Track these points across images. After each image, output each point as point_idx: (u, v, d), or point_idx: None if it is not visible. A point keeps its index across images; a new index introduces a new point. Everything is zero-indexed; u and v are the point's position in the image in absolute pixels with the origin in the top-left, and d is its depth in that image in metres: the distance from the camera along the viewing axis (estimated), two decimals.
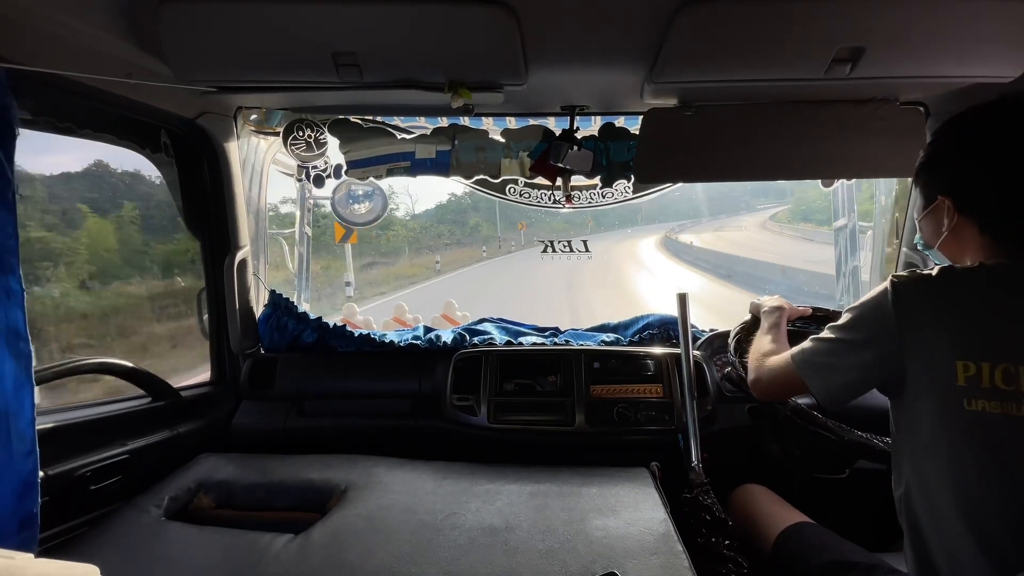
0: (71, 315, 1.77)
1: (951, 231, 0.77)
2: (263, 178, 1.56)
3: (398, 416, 1.42)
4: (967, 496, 0.66)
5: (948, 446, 0.68)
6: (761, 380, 0.97)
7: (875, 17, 0.81)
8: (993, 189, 0.72)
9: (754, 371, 1.00)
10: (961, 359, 0.66)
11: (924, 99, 1.22)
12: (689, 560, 0.82)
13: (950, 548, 0.68)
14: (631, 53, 0.96)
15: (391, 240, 14.74)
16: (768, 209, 22.99)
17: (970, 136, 0.75)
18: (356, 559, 0.84)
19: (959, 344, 0.67)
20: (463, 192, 7.85)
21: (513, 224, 18.26)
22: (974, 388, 0.65)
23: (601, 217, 21.96)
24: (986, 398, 0.65)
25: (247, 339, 1.48)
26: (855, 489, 1.22)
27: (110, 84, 0.99)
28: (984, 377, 0.65)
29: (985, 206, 0.74)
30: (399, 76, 0.98)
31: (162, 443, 1.21)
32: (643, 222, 23.28)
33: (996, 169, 0.72)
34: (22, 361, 0.79)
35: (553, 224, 13.91)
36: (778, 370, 0.91)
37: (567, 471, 1.13)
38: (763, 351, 1.02)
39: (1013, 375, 0.64)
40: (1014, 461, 0.64)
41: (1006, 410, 0.64)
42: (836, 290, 1.89)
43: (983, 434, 0.65)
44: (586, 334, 1.60)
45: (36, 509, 0.81)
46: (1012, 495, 0.64)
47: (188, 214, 1.38)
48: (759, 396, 1.01)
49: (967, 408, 0.66)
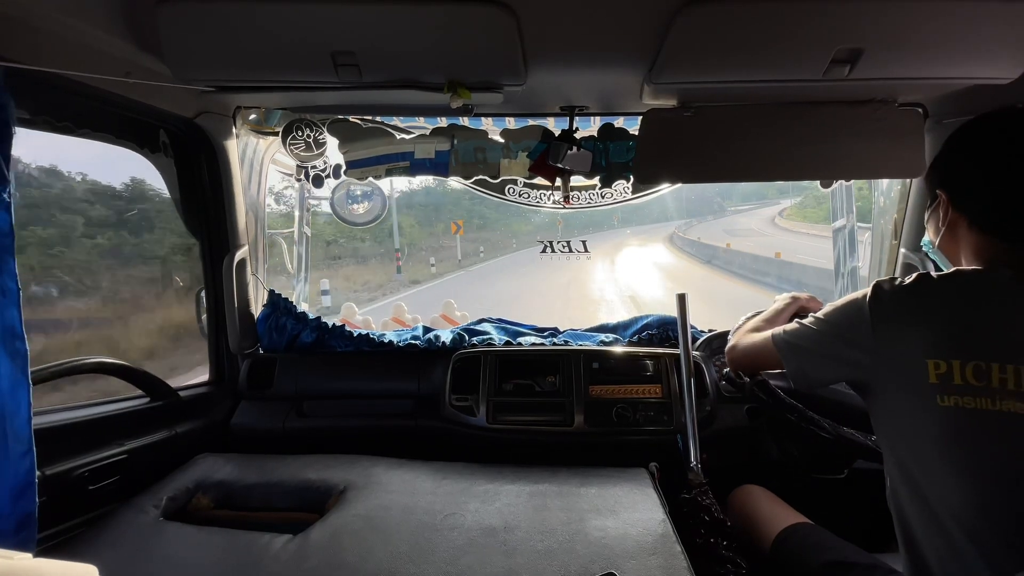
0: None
1: (947, 227, 0.81)
2: (262, 178, 1.56)
3: (397, 416, 1.42)
4: (948, 490, 0.68)
5: (926, 442, 0.70)
6: (737, 347, 1.03)
7: (874, 18, 0.81)
8: (983, 185, 0.76)
9: (734, 339, 1.05)
10: (931, 358, 0.69)
11: (922, 100, 1.22)
12: (688, 560, 0.82)
13: (938, 541, 0.69)
14: (630, 53, 0.96)
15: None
16: (746, 211, 23.05)
17: (967, 137, 0.79)
18: (355, 559, 0.84)
19: (930, 343, 0.70)
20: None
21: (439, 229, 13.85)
22: (946, 385, 0.68)
23: (572, 219, 20.21)
24: (959, 394, 0.67)
25: (246, 339, 1.48)
26: (853, 489, 1.22)
27: (108, 83, 0.99)
28: (955, 374, 0.67)
29: (973, 200, 0.77)
30: (398, 76, 0.98)
31: (160, 443, 1.21)
32: (619, 224, 22.86)
33: (986, 165, 0.75)
34: (18, 360, 0.79)
35: (516, 226, 11.94)
36: (757, 342, 0.96)
37: (566, 471, 1.13)
38: (750, 327, 1.08)
39: (984, 371, 0.66)
40: (991, 454, 0.66)
41: (980, 405, 0.66)
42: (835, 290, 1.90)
43: (959, 429, 0.67)
44: (585, 334, 1.60)
45: (33, 509, 0.80)
46: (988, 487, 0.65)
47: (187, 214, 1.38)
48: (731, 363, 1.05)
49: (940, 404, 0.68)
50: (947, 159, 0.81)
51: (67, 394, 1.27)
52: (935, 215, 0.84)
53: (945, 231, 0.81)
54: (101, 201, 2.59)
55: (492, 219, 13.87)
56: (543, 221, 17.41)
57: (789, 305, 1.14)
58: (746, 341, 1.01)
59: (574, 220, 20.07)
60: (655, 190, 1.52)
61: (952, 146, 0.80)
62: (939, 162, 0.82)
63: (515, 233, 11.81)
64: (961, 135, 0.79)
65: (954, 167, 0.80)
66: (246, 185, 1.45)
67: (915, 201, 1.37)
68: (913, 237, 1.39)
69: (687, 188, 1.52)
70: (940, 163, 0.82)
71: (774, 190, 29.73)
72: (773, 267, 12.46)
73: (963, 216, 0.78)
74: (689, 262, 17.18)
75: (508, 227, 12.48)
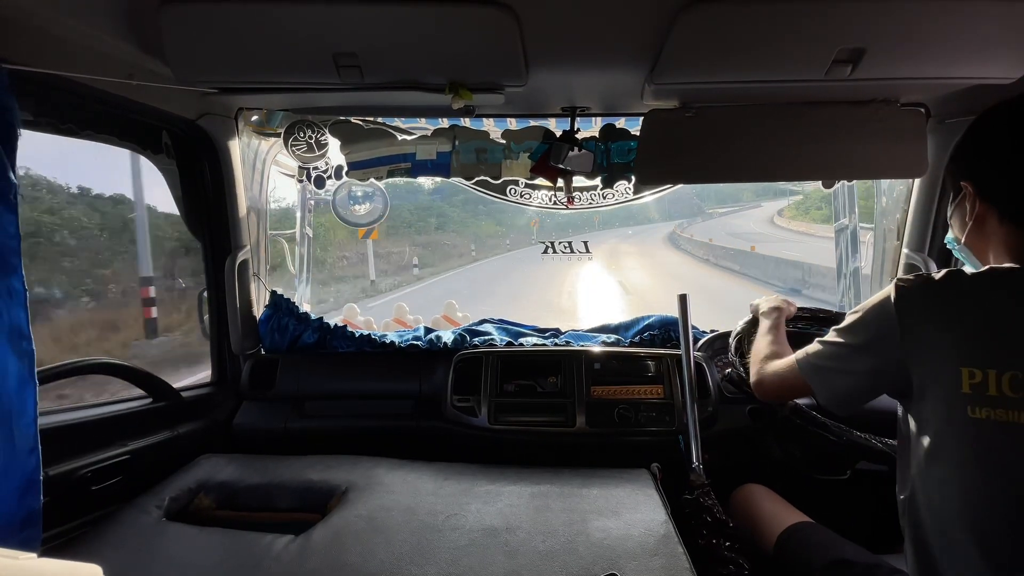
0: None
1: (974, 221, 0.75)
2: (264, 179, 1.56)
3: (399, 417, 1.42)
4: (971, 504, 0.65)
5: (953, 453, 0.66)
6: (764, 383, 0.96)
7: (875, 19, 0.81)
8: (1014, 172, 0.70)
9: (757, 373, 0.99)
10: (966, 366, 0.64)
11: (925, 100, 1.22)
12: (690, 561, 0.82)
13: (953, 555, 0.67)
14: (632, 54, 0.96)
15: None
16: (725, 215, 22.62)
17: (994, 125, 0.74)
18: (357, 560, 0.84)
19: (964, 350, 0.65)
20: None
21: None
22: (979, 396, 0.64)
23: (547, 220, 16.84)
24: (992, 406, 0.63)
25: (248, 340, 1.48)
26: (856, 490, 1.21)
27: (111, 85, 0.99)
28: (991, 385, 0.63)
29: (1005, 190, 0.71)
30: (400, 77, 0.98)
31: (163, 444, 1.21)
32: (599, 226, 21.19)
33: (1019, 152, 0.70)
34: (25, 360, 0.79)
35: (486, 227, 8.13)
36: (783, 373, 0.91)
37: (568, 472, 1.13)
38: (764, 353, 1.02)
39: (1021, 382, 0.62)
40: (1020, 470, 0.63)
41: (1012, 418, 0.62)
42: (837, 291, 1.89)
43: (988, 442, 0.64)
44: (587, 335, 1.60)
45: (38, 507, 0.81)
46: (1017, 504, 0.63)
47: (189, 215, 1.39)
48: (761, 398, 1.00)
49: (971, 415, 0.64)
50: (972, 148, 0.76)
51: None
52: (960, 210, 0.78)
53: (972, 226, 0.75)
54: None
55: (453, 220, 10.10)
56: (516, 221, 14.13)
57: (778, 317, 1.12)
58: (770, 373, 0.95)
59: (549, 222, 16.23)
60: (656, 190, 1.52)
61: (977, 134, 0.75)
62: (963, 152, 0.77)
63: (479, 237, 8.63)
64: (987, 121, 0.74)
65: (981, 156, 0.74)
66: (248, 186, 1.45)
67: (918, 201, 1.37)
68: (915, 237, 1.39)
69: (667, 191, 1.52)
70: (964, 153, 0.77)
71: (750, 193, 29.20)
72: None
73: (993, 209, 0.72)
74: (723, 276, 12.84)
75: (474, 229, 9.07)
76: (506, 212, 4.43)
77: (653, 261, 16.34)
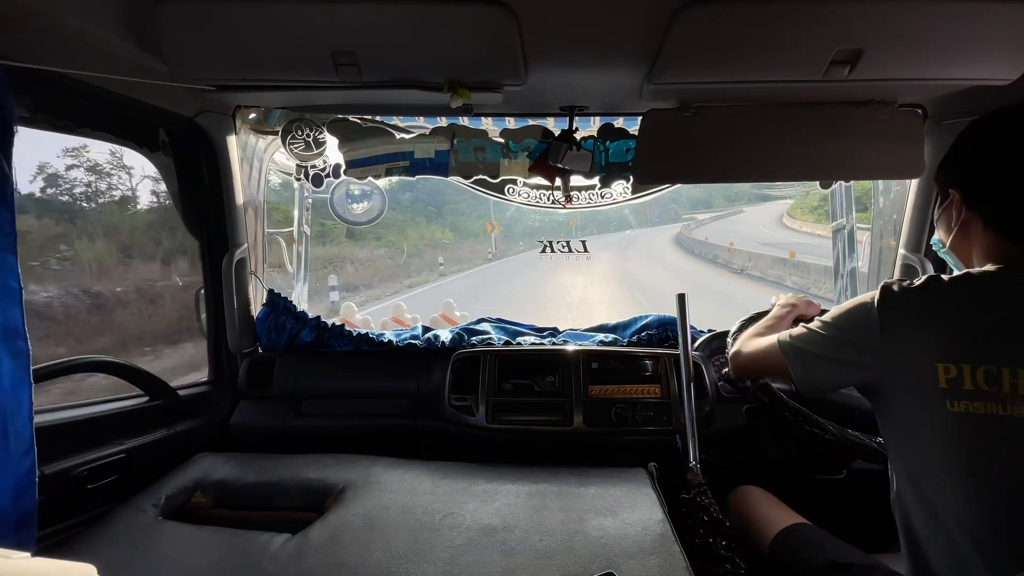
0: None
1: (960, 226, 0.78)
2: (261, 177, 1.56)
3: (396, 416, 1.42)
4: (954, 495, 0.67)
5: (934, 447, 0.69)
6: (741, 353, 1.01)
7: (873, 19, 0.81)
8: (1000, 185, 0.73)
9: (736, 345, 1.03)
10: (941, 361, 0.68)
11: (922, 101, 1.22)
12: (687, 560, 0.82)
13: (942, 547, 0.69)
14: (630, 54, 0.96)
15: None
16: (718, 219, 22.26)
17: (983, 136, 0.77)
18: (354, 558, 0.84)
19: (940, 347, 0.68)
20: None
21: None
22: (956, 390, 0.67)
23: (513, 225, 16.55)
24: (968, 399, 0.66)
25: (245, 338, 1.48)
26: (852, 490, 1.22)
27: (108, 82, 0.99)
28: (966, 379, 0.66)
29: (990, 199, 0.75)
30: (398, 76, 0.98)
31: (159, 442, 1.21)
32: (577, 231, 21.16)
33: (1003, 164, 0.73)
34: (20, 359, 0.79)
35: (436, 232, 8.27)
36: (763, 349, 0.94)
37: (565, 471, 1.14)
38: (752, 332, 1.06)
39: (995, 376, 0.65)
40: (999, 460, 0.65)
41: (990, 410, 0.65)
42: (834, 291, 1.90)
43: (968, 434, 0.66)
44: (584, 334, 1.60)
45: (34, 508, 0.80)
46: (995, 492, 0.65)
47: (186, 213, 1.38)
48: (735, 369, 1.04)
49: (950, 409, 0.67)
50: (961, 156, 0.78)
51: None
52: (947, 214, 0.81)
53: (958, 231, 0.79)
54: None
55: (397, 224, 9.64)
56: (472, 227, 14.41)
57: (789, 312, 1.13)
58: (750, 347, 0.99)
59: (514, 226, 16.46)
60: (654, 190, 1.52)
61: (967, 143, 0.78)
62: (952, 159, 0.80)
63: (434, 245, 7.91)
64: (976, 131, 0.77)
65: (969, 165, 0.77)
66: (245, 184, 1.45)
67: (915, 202, 1.38)
68: (912, 238, 1.39)
69: (665, 190, 1.53)
70: (954, 160, 0.80)
71: (721, 198, 29.56)
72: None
73: (977, 216, 0.76)
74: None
75: (414, 235, 8.58)
76: (464, 214, 4.30)
77: (677, 272, 15.57)
